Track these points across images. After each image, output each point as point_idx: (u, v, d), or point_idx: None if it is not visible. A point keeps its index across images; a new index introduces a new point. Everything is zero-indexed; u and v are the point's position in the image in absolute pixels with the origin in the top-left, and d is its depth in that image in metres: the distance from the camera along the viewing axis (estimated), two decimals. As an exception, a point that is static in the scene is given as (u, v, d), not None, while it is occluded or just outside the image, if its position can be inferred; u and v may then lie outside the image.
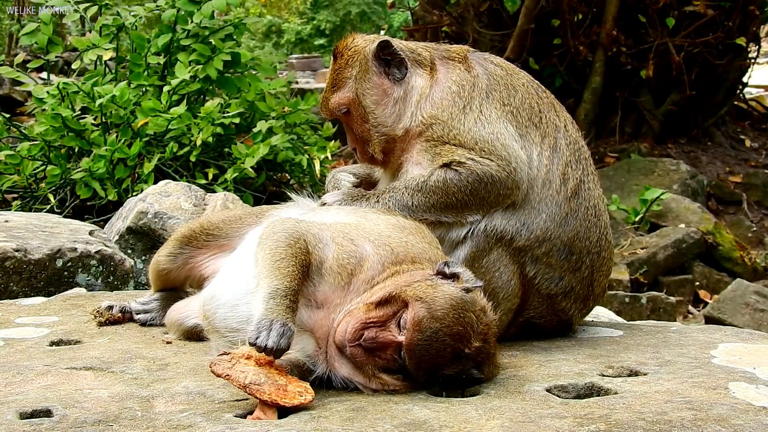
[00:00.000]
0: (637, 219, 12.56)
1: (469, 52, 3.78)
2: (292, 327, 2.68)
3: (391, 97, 3.65)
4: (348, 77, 3.68)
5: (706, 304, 10.68)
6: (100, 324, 3.75)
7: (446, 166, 3.49)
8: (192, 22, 8.05)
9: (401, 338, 2.71)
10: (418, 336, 2.68)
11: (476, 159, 3.47)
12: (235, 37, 8.38)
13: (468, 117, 3.54)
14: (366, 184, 3.90)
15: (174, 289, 3.81)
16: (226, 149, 7.79)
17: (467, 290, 2.80)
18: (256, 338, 2.63)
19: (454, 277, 2.85)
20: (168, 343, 3.48)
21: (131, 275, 5.15)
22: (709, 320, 9.47)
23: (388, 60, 3.67)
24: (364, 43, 3.72)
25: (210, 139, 7.44)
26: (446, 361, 2.72)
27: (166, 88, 7.82)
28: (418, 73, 3.67)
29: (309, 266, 2.89)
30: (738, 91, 17.71)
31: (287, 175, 8.37)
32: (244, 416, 2.59)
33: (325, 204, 3.55)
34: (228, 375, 2.59)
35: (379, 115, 3.64)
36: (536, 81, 3.86)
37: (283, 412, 2.60)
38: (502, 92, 3.64)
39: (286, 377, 2.66)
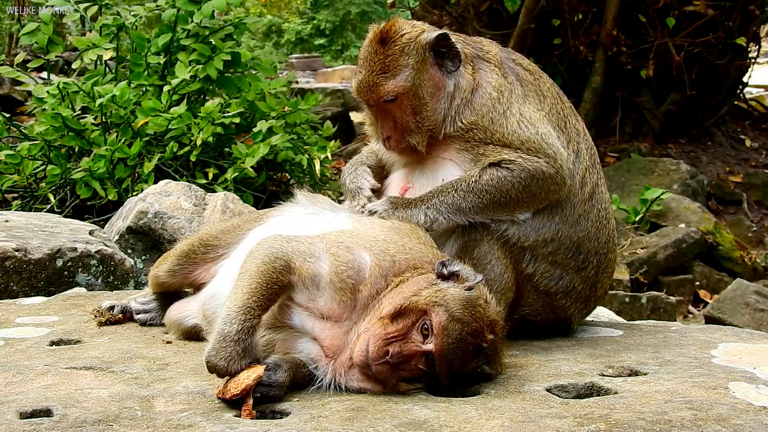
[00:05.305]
0: (637, 219, 12.56)
1: (500, 52, 3.75)
2: (245, 349, 2.72)
3: (444, 90, 3.58)
4: (404, 65, 3.54)
5: (706, 304, 10.68)
6: (101, 324, 3.75)
7: (495, 165, 3.47)
8: (192, 21, 8.04)
9: (427, 347, 2.74)
10: (447, 340, 2.72)
11: (524, 157, 3.47)
12: (235, 36, 8.38)
13: (510, 120, 3.53)
14: (377, 176, 3.83)
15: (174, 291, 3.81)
16: (227, 149, 7.79)
17: (470, 288, 2.83)
18: (209, 357, 2.72)
19: (454, 276, 2.87)
20: (168, 342, 3.49)
21: (131, 275, 5.15)
22: (709, 320, 9.46)
23: (443, 52, 3.59)
24: (416, 31, 3.60)
25: (210, 139, 7.44)
26: (469, 359, 2.78)
27: (166, 88, 7.81)
28: (462, 70, 3.62)
29: (281, 284, 2.88)
30: (738, 91, 17.70)
31: (287, 174, 8.37)
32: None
33: (374, 213, 3.46)
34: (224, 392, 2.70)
35: (431, 108, 3.56)
36: (556, 85, 3.87)
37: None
38: (534, 98, 3.66)
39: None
